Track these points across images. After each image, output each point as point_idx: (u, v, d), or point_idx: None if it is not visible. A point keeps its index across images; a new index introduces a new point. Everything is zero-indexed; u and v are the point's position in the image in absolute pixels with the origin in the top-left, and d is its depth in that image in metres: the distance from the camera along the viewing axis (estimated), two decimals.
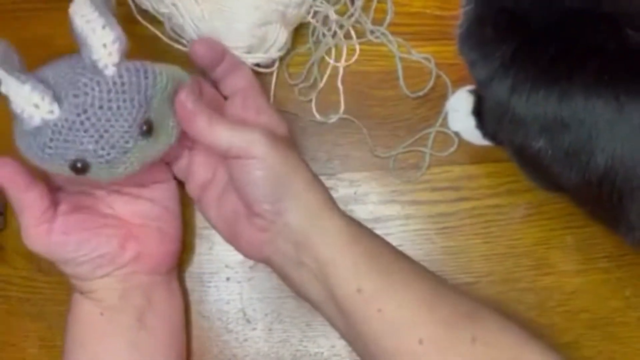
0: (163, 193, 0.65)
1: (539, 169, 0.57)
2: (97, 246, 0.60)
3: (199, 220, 0.69)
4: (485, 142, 0.64)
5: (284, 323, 0.68)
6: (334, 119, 0.69)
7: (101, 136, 0.54)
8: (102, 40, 0.53)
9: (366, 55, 0.70)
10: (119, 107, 0.54)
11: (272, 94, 0.69)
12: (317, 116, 0.69)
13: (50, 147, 0.54)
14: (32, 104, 0.52)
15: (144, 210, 0.64)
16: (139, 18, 0.69)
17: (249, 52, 0.66)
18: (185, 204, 0.68)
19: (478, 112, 0.63)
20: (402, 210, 0.68)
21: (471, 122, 0.64)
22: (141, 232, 0.63)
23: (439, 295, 0.58)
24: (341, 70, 0.70)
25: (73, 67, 0.55)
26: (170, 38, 0.69)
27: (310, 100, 0.70)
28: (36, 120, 0.53)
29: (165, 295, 0.65)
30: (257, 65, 0.68)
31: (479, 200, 0.68)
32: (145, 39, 0.69)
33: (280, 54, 0.68)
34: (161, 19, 0.68)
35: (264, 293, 0.68)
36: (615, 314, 0.66)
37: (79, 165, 0.55)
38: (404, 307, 0.57)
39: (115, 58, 0.54)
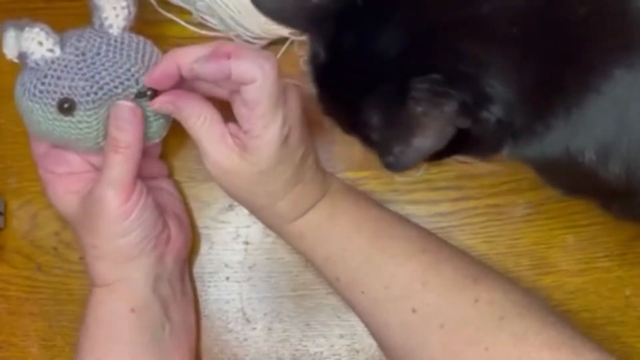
0: (168, 182, 0.68)
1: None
2: (158, 218, 0.62)
3: (199, 220, 0.69)
4: None
5: (284, 322, 0.68)
6: None
7: (92, 76, 0.58)
8: (113, 3, 0.59)
9: None
10: (114, 57, 0.59)
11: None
12: None
13: (43, 84, 0.58)
14: (37, 41, 0.57)
15: (161, 197, 0.65)
16: (160, 10, 0.69)
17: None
18: (177, 203, 0.68)
19: None
20: (402, 209, 0.68)
21: None
22: (166, 216, 0.64)
23: (438, 263, 0.60)
24: None
25: (83, 29, 0.60)
26: (198, 24, 0.69)
27: None
28: (37, 56, 0.58)
29: (181, 288, 0.66)
30: (291, 34, 0.67)
31: (478, 199, 0.68)
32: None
33: None
34: (182, 4, 0.68)
35: (263, 293, 0.68)
36: (615, 313, 0.66)
37: (66, 105, 0.58)
38: (390, 286, 0.59)
39: (121, 21, 0.60)
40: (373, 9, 0.47)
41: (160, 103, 0.58)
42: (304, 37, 0.68)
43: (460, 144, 0.47)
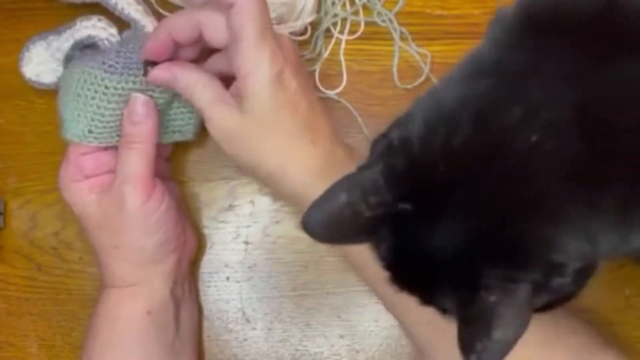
0: (174, 184, 0.67)
1: None
2: (178, 221, 0.62)
3: (199, 220, 0.69)
4: None
5: (284, 322, 0.68)
6: (332, 93, 0.69)
7: None
8: (145, 15, 0.64)
9: (367, 54, 0.70)
10: None
11: None
12: (320, 87, 0.69)
13: (118, 56, 0.60)
14: (100, 27, 0.63)
15: (173, 199, 0.64)
16: (160, 9, 0.68)
17: (279, 23, 0.66)
18: (185, 205, 0.68)
19: None
20: None
21: None
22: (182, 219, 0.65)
23: None
24: (343, 43, 0.69)
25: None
26: None
27: (314, 71, 0.69)
28: (103, 36, 0.63)
29: (189, 287, 0.66)
30: (291, 34, 0.67)
31: None
32: None
33: (312, 18, 0.67)
34: (182, 4, 0.67)
35: (263, 293, 0.68)
36: (615, 313, 0.66)
37: (149, 67, 0.60)
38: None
39: (150, 21, 0.64)
40: (426, 209, 0.43)
41: (155, 74, 0.58)
42: (304, 37, 0.68)
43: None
